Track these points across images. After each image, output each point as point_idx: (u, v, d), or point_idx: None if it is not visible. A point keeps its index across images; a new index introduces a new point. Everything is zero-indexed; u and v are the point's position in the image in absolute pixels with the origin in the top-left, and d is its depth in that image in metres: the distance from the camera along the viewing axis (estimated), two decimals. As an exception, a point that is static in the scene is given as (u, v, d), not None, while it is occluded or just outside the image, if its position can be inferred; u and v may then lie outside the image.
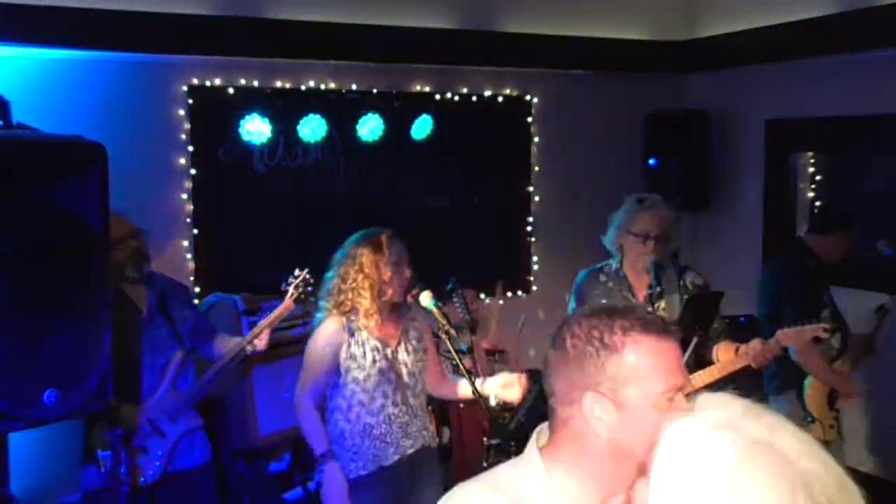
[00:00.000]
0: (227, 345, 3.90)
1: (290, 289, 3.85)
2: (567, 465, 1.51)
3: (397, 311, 3.50)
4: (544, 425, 1.59)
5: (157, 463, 3.56)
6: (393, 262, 3.40)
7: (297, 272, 3.90)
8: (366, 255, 3.39)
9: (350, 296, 3.38)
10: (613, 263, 3.81)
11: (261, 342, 3.81)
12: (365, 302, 3.37)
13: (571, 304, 3.92)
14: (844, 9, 4.88)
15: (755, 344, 3.59)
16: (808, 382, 4.14)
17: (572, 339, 1.50)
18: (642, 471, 1.21)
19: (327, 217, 5.52)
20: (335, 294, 3.41)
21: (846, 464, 4.61)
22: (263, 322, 3.84)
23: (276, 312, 3.83)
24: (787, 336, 3.61)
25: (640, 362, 1.45)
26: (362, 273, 3.37)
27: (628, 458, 1.38)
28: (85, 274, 2.24)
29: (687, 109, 6.37)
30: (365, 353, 3.38)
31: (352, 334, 3.39)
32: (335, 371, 3.41)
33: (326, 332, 3.42)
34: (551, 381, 1.54)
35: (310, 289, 3.88)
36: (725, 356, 3.67)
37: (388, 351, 3.41)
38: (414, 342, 3.50)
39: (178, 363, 3.65)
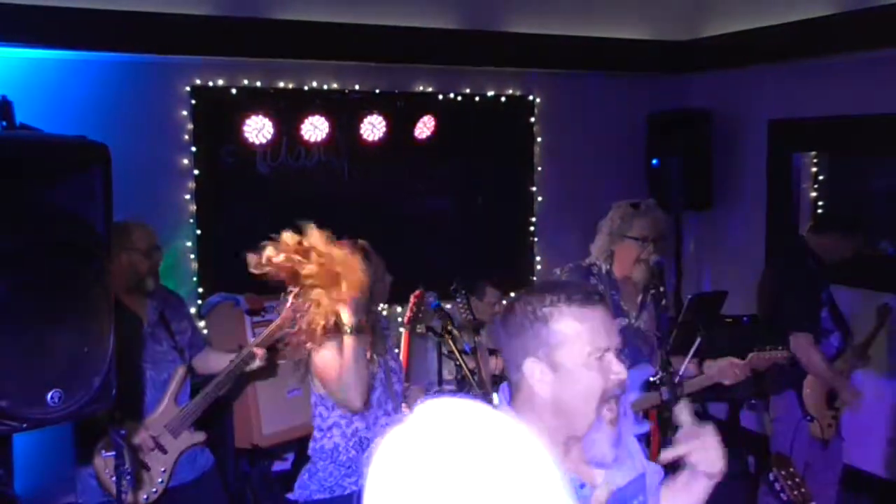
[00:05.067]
0: (218, 360, 3.84)
1: (286, 306, 3.78)
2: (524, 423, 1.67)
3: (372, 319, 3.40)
4: (504, 387, 1.83)
5: (160, 479, 3.52)
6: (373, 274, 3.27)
7: (290, 288, 3.82)
8: (374, 270, 3.25)
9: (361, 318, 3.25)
10: (602, 265, 3.79)
11: (258, 359, 3.70)
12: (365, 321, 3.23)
13: None
14: (846, 9, 4.87)
15: (724, 363, 3.63)
16: (807, 381, 4.14)
17: (513, 315, 1.74)
18: (586, 425, 1.66)
19: (330, 217, 5.49)
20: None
21: (847, 463, 4.61)
22: (258, 339, 3.75)
23: (268, 330, 3.72)
24: (760, 359, 3.67)
25: (566, 329, 1.68)
26: (374, 290, 3.24)
27: (572, 412, 1.69)
28: (88, 274, 2.24)
29: (689, 109, 6.36)
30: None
31: None
32: None
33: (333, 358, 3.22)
34: (503, 353, 1.78)
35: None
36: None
37: (382, 360, 3.36)
38: (394, 349, 3.42)
39: (181, 378, 3.62)
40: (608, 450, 1.71)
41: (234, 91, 5.25)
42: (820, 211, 5.88)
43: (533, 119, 6.21)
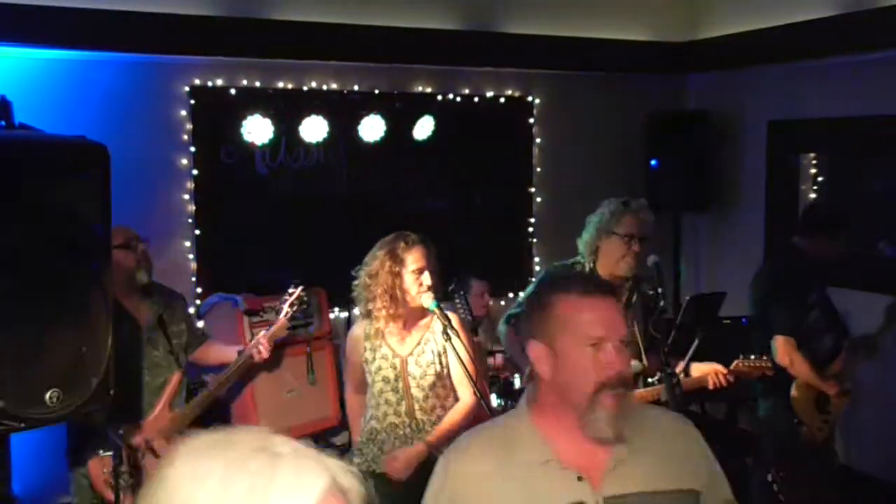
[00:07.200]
0: (219, 354, 3.90)
1: (286, 307, 3.92)
2: (540, 407, 1.84)
3: (423, 320, 3.46)
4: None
5: None
6: (410, 270, 3.35)
7: (290, 290, 3.96)
8: (380, 262, 3.36)
9: (370, 305, 3.39)
10: (586, 263, 3.78)
11: (263, 352, 3.81)
12: (383, 311, 3.36)
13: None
14: (846, 10, 4.88)
15: (707, 368, 3.66)
16: (795, 385, 4.09)
17: (529, 304, 1.94)
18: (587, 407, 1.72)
19: (329, 217, 5.53)
20: (363, 301, 3.44)
21: (843, 464, 4.60)
22: (258, 339, 3.86)
23: (270, 332, 3.87)
24: (744, 368, 3.78)
25: (565, 316, 1.76)
26: (377, 282, 3.36)
27: (569, 396, 1.75)
28: (86, 274, 2.24)
29: (688, 110, 6.36)
30: (375, 358, 3.40)
31: (367, 339, 3.42)
32: (361, 370, 3.50)
33: (352, 336, 3.53)
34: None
35: (304, 305, 4.04)
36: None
37: (398, 361, 3.39)
38: (430, 355, 3.41)
39: (175, 384, 3.61)
40: (607, 428, 1.73)
41: (233, 91, 5.25)
42: (806, 211, 5.85)
43: (532, 120, 6.21)
